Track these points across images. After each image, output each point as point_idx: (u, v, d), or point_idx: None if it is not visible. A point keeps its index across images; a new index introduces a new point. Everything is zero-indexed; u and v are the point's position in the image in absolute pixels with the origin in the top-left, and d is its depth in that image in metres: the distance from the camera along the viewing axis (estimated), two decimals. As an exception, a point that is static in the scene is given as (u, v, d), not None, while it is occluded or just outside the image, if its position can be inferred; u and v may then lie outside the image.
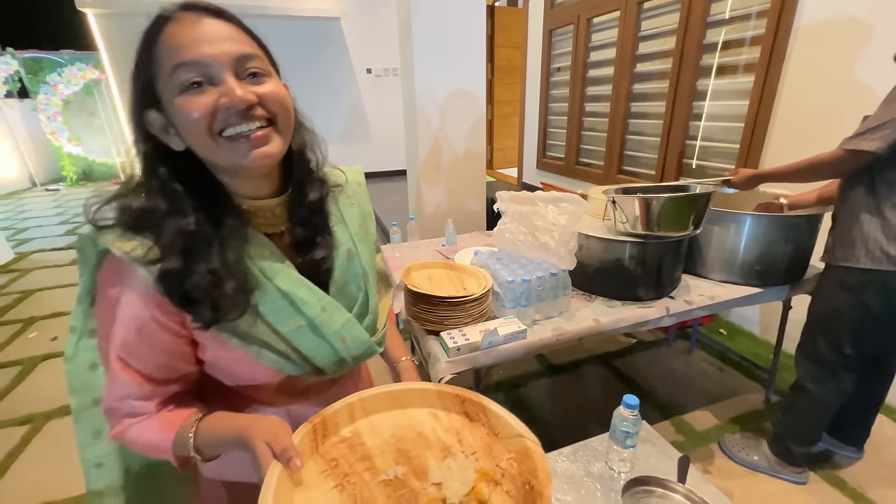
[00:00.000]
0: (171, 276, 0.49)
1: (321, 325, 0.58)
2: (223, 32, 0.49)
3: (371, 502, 0.49)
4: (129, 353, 0.52)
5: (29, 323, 2.83)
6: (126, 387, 0.53)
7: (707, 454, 1.64)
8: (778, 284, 1.55)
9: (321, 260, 0.61)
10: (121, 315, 0.51)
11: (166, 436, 0.54)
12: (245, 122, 0.49)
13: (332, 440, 0.57)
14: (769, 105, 2.08)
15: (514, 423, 0.58)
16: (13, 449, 1.78)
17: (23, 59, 7.03)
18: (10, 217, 5.64)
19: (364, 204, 0.73)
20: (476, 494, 0.50)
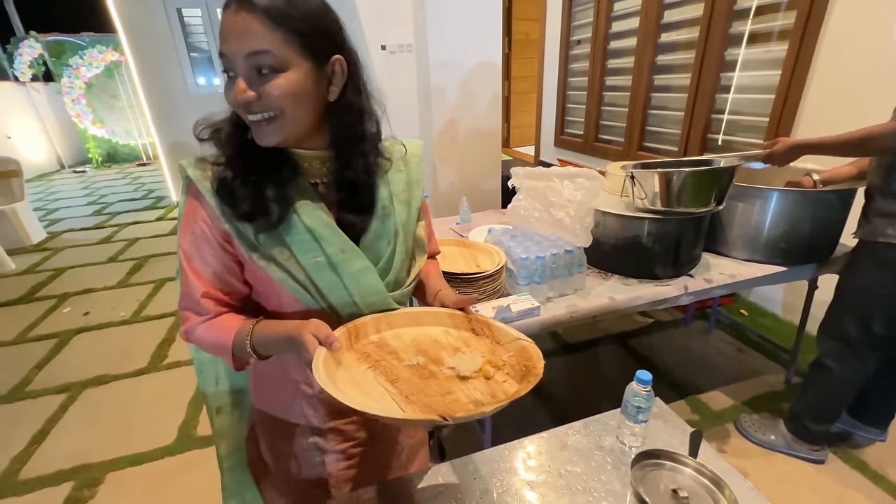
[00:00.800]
0: (222, 181, 0.61)
1: (339, 264, 0.64)
2: (243, 26, 0.53)
3: (398, 377, 0.61)
4: (193, 258, 0.64)
5: (63, 299, 2.97)
6: (193, 287, 0.64)
7: (722, 433, 1.62)
8: (804, 263, 1.50)
9: (357, 213, 0.67)
10: (191, 227, 0.63)
11: (227, 335, 0.65)
12: (250, 114, 0.58)
13: (362, 342, 0.67)
14: (803, 75, 1.96)
15: (511, 331, 0.70)
16: (52, 415, 1.89)
17: (45, 42, 7.15)
18: (42, 198, 5.85)
19: (415, 172, 0.77)
20: (483, 372, 0.62)
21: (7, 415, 1.92)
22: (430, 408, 0.54)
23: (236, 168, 0.61)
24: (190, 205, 0.64)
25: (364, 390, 0.58)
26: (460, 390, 0.59)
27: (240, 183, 0.60)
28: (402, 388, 0.59)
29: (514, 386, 0.61)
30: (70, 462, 1.65)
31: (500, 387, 0.61)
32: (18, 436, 1.78)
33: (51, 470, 1.62)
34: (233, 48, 0.54)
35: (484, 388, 0.60)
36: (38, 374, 2.18)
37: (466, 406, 0.56)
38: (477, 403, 0.56)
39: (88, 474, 1.59)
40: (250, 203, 0.60)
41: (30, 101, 7.23)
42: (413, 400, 0.56)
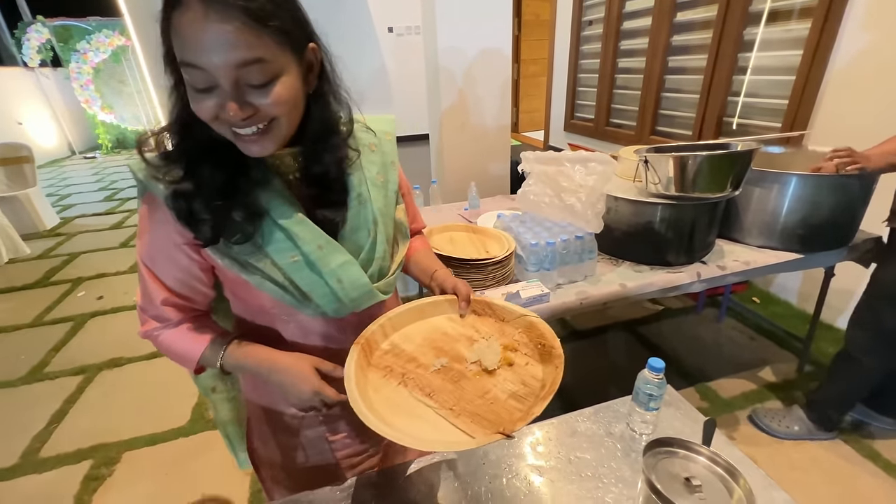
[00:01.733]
0: (179, 196, 0.55)
1: (317, 261, 0.61)
2: (225, 35, 0.46)
3: (432, 388, 0.60)
4: (152, 264, 0.61)
5: (77, 283, 3.02)
6: (152, 292, 0.62)
7: (732, 421, 1.62)
8: (821, 250, 1.46)
9: (332, 206, 0.64)
10: (148, 232, 0.60)
11: (197, 347, 0.64)
12: (243, 127, 0.52)
13: (377, 354, 0.67)
14: (825, 55, 1.89)
15: (514, 308, 0.71)
16: (70, 396, 1.94)
17: (53, 27, 7.13)
18: (54, 184, 5.92)
19: (389, 153, 0.74)
20: (506, 359, 0.64)
21: (27, 395, 1.98)
22: (478, 416, 0.55)
23: (197, 183, 0.54)
24: (147, 210, 0.59)
25: (407, 411, 0.57)
26: (494, 386, 0.60)
27: (201, 204, 0.54)
28: (441, 399, 0.58)
29: (537, 367, 0.63)
30: (88, 441, 1.70)
31: (525, 371, 0.63)
32: (38, 416, 1.83)
33: (70, 449, 1.67)
34: (215, 61, 0.46)
35: (513, 377, 0.62)
36: (55, 357, 2.23)
37: (507, 403, 0.57)
38: (515, 397, 0.58)
39: (106, 453, 1.64)
40: (213, 226, 0.55)
41: (39, 86, 7.26)
42: (459, 411, 0.56)
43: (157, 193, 0.56)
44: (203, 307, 0.68)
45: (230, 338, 0.66)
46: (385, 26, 5.82)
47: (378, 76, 6.07)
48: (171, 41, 0.48)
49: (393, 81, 6.12)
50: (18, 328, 2.51)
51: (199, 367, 0.68)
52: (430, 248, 0.89)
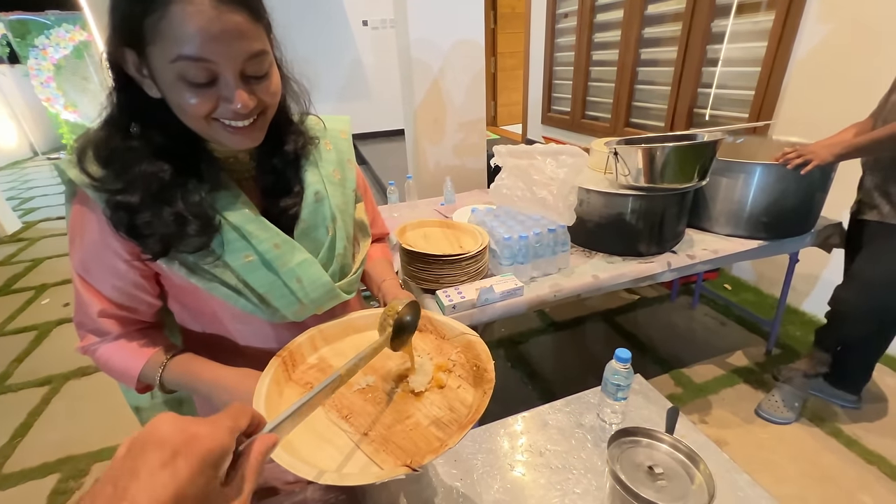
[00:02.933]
0: (120, 208, 0.51)
1: (273, 260, 0.58)
2: (236, 25, 0.46)
3: (350, 409, 0.56)
4: (87, 273, 0.57)
5: (41, 290, 2.89)
6: (88, 304, 0.57)
7: (704, 405, 1.66)
8: (785, 237, 1.50)
9: (288, 206, 0.62)
10: (81, 238, 0.55)
11: (135, 364, 0.60)
12: (240, 119, 0.51)
13: (301, 368, 0.62)
14: (788, 46, 1.94)
15: (456, 325, 0.68)
16: (34, 408, 1.86)
17: (8, 21, 6.77)
18: (15, 187, 5.65)
19: (345, 151, 0.72)
20: (436, 381, 0.60)
21: (-12, 409, 1.89)
22: (392, 443, 0.51)
23: (141, 193, 0.50)
24: (78, 213, 0.54)
25: (318, 434, 0.52)
26: (418, 410, 0.56)
27: (149, 217, 0.50)
28: (357, 423, 0.54)
29: (469, 391, 0.58)
30: (55, 454, 1.63)
31: (455, 395, 0.58)
32: (0, 429, 1.75)
33: (35, 463, 1.60)
34: (226, 52, 0.46)
35: (440, 401, 0.57)
36: (18, 367, 2.13)
37: (427, 430, 0.53)
38: (438, 423, 0.54)
39: (74, 465, 1.58)
40: (162, 239, 0.51)
41: (-5, 84, 6.90)
42: (372, 436, 0.52)
43: (92, 196, 0.51)
44: (148, 318, 0.63)
45: (174, 352, 0.61)
46: (360, 20, 5.75)
47: (354, 70, 5.99)
48: (150, 37, 0.45)
49: (369, 76, 6.05)
50: (-22, 339, 2.40)
51: (143, 386, 0.63)
52: (389, 258, 0.85)
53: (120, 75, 0.50)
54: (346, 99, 5.80)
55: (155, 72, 0.48)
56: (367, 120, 5.75)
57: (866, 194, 1.38)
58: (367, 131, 5.76)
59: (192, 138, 0.54)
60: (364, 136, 5.66)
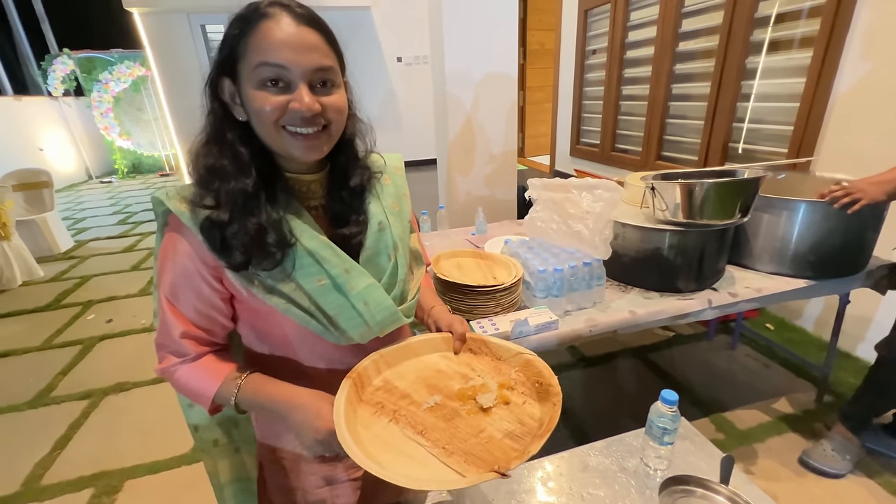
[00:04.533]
0: (214, 225, 0.56)
1: (343, 284, 0.61)
2: (311, 41, 0.55)
3: (424, 425, 0.59)
4: (174, 296, 0.61)
5: (87, 306, 3.05)
6: (172, 325, 0.61)
7: (750, 454, 1.56)
8: (834, 277, 1.44)
9: (353, 234, 0.66)
10: (172, 262, 0.60)
11: (212, 384, 0.63)
12: (306, 125, 0.56)
13: (368, 389, 0.65)
14: (828, 82, 1.91)
15: (511, 346, 0.71)
16: (74, 421, 1.93)
17: (77, 59, 7.47)
18: (70, 207, 6.06)
19: (401, 185, 0.77)
20: (502, 398, 0.63)
21: (32, 420, 1.97)
22: (472, 455, 0.54)
23: (230, 210, 0.56)
24: (171, 239, 0.60)
25: (397, 449, 0.55)
26: (489, 424, 0.59)
27: (237, 230, 0.56)
28: (434, 438, 0.57)
29: (535, 406, 0.61)
30: (90, 469, 1.67)
31: (522, 410, 0.61)
32: (43, 441, 1.82)
33: (72, 476, 1.65)
34: (299, 60, 0.54)
35: (509, 416, 0.60)
36: (62, 380, 2.23)
37: (502, 442, 0.56)
38: (511, 436, 0.57)
39: (108, 481, 1.61)
40: (244, 253, 0.56)
41: (61, 114, 7.54)
42: (451, 450, 0.54)
43: (185, 222, 0.57)
44: (221, 340, 0.67)
45: (247, 372, 0.65)
46: (394, 56, 6.04)
47: (388, 103, 6.25)
48: (241, 52, 0.54)
49: (402, 108, 6.30)
50: (28, 351, 2.53)
51: (214, 407, 0.65)
52: (432, 286, 0.90)
53: (215, 101, 0.58)
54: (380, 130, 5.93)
55: (242, 90, 0.56)
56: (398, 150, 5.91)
57: None
58: (397, 160, 5.94)
59: (271, 162, 0.61)
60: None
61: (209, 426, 0.81)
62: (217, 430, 0.82)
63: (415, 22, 5.84)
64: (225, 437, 0.83)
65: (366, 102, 0.68)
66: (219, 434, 0.82)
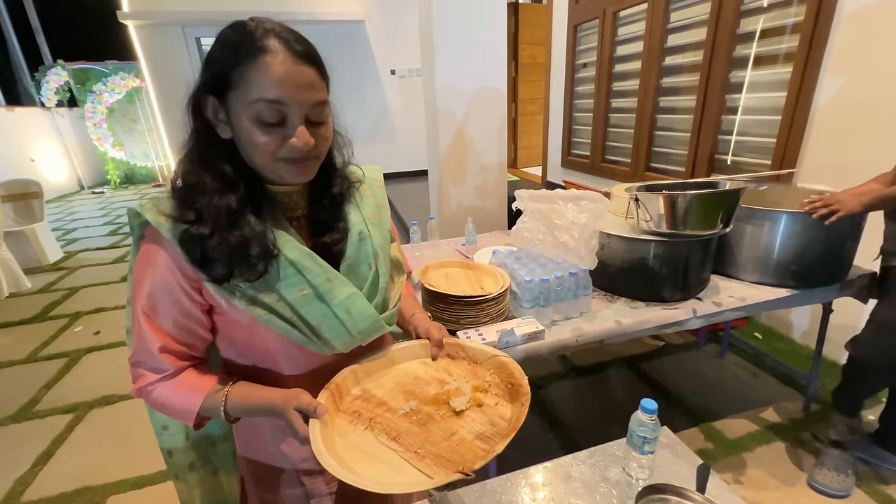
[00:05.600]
0: (193, 238, 0.56)
1: (325, 294, 0.62)
2: (308, 78, 0.55)
3: (398, 431, 0.60)
4: (153, 310, 0.59)
5: (75, 318, 3.01)
6: (150, 340, 0.59)
7: (738, 463, 1.56)
8: (817, 286, 1.46)
9: (334, 242, 0.67)
10: (150, 275, 0.59)
11: (195, 398, 0.62)
12: (300, 155, 0.57)
13: (346, 399, 0.66)
14: (808, 96, 1.96)
15: (487, 349, 0.73)
16: (58, 436, 1.89)
17: (72, 70, 7.47)
18: (61, 218, 6.01)
19: (380, 197, 0.79)
20: (475, 400, 0.65)
21: (14, 434, 1.93)
22: (442, 458, 0.55)
23: (212, 223, 0.56)
24: (148, 251, 0.59)
25: (371, 455, 0.56)
26: (461, 427, 0.60)
27: (217, 242, 0.56)
28: (407, 443, 0.58)
29: (506, 407, 0.63)
30: (73, 484, 1.64)
31: (494, 411, 0.63)
32: (24, 456, 1.78)
33: (53, 492, 1.61)
34: (297, 97, 0.54)
35: (481, 418, 0.62)
36: (46, 394, 2.19)
37: (473, 444, 0.57)
38: (482, 437, 0.58)
39: (90, 497, 1.58)
40: (226, 265, 0.56)
41: (54, 125, 7.52)
42: (423, 454, 0.56)
43: (164, 234, 0.56)
44: (200, 354, 0.66)
45: (232, 381, 0.64)
46: (388, 69, 6.12)
47: (381, 115, 6.31)
48: (235, 81, 0.54)
49: (395, 120, 6.36)
50: (13, 364, 2.49)
51: (199, 421, 0.64)
52: (413, 294, 0.91)
53: (198, 120, 0.58)
54: (373, 141, 6.09)
55: (231, 114, 0.56)
56: (391, 161, 5.99)
57: (888, 241, 1.35)
58: (392, 172, 5.99)
59: (253, 176, 0.61)
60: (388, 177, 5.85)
61: (184, 449, 0.80)
62: (192, 452, 0.80)
63: (408, 36, 5.93)
64: (201, 461, 0.81)
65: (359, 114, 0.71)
66: (194, 457, 0.80)
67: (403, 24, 5.92)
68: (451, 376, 0.71)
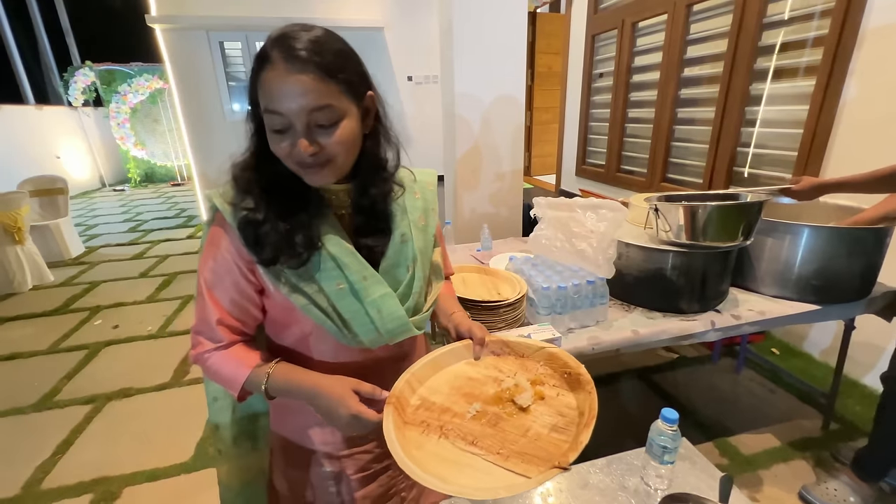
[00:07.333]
0: (249, 224, 0.61)
1: (360, 290, 0.65)
2: (303, 85, 0.55)
3: (474, 434, 0.60)
4: (214, 285, 0.65)
5: (94, 311, 3.08)
6: (210, 312, 0.65)
7: (754, 480, 1.53)
8: (839, 302, 1.44)
9: (376, 243, 0.69)
10: (213, 254, 0.65)
11: (243, 371, 0.66)
12: (307, 162, 0.59)
13: (408, 410, 0.66)
14: (831, 110, 1.94)
15: (532, 342, 0.72)
16: (77, 426, 1.94)
17: (98, 71, 7.71)
18: (83, 214, 6.18)
19: (430, 201, 0.80)
20: (537, 394, 0.65)
21: (36, 423, 1.98)
22: (528, 454, 0.55)
23: (265, 211, 0.61)
24: (214, 233, 0.65)
25: (454, 462, 0.56)
26: (533, 422, 0.61)
27: (269, 229, 0.61)
28: (486, 445, 0.58)
29: (569, 396, 0.64)
30: (90, 474, 1.67)
31: (558, 401, 0.64)
32: (45, 445, 1.83)
33: (72, 481, 1.65)
34: (291, 105, 0.55)
35: (548, 410, 0.63)
36: (67, 384, 2.25)
37: (550, 437, 0.57)
38: (556, 429, 0.59)
39: (106, 487, 1.61)
40: (274, 249, 0.61)
41: (80, 124, 7.76)
42: (506, 454, 0.56)
43: (227, 218, 0.62)
44: (251, 331, 0.71)
45: (276, 360, 0.68)
46: (405, 75, 6.19)
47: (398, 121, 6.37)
48: (258, 94, 0.58)
49: (411, 125, 6.40)
50: (35, 354, 2.55)
51: (242, 395, 0.69)
52: (454, 294, 0.91)
53: (254, 125, 0.62)
54: (387, 146, 6.12)
55: None
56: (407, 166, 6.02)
57: None
58: (405, 176, 6.02)
59: None
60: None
61: (230, 423, 0.84)
62: (237, 427, 0.85)
63: (425, 43, 6.00)
64: (243, 435, 0.86)
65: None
66: (237, 431, 0.85)
67: (421, 30, 5.98)
68: (503, 373, 0.70)
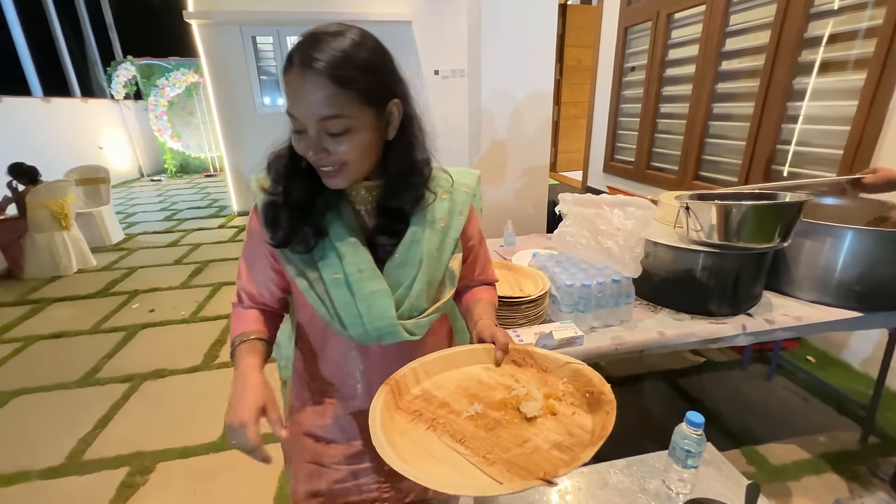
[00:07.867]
0: (270, 206, 0.67)
1: (354, 283, 0.66)
2: (317, 94, 0.56)
3: (464, 434, 0.56)
4: (246, 258, 0.75)
5: (132, 295, 3.24)
6: (242, 278, 0.75)
7: (783, 491, 1.48)
8: (883, 310, 1.36)
9: (391, 242, 0.69)
10: (249, 233, 0.73)
11: (237, 330, 0.73)
12: (320, 165, 0.62)
13: (406, 398, 0.64)
14: (883, 106, 1.83)
15: (559, 356, 0.67)
16: (115, 402, 2.05)
17: (139, 65, 8.05)
18: (123, 203, 6.48)
19: (459, 203, 0.75)
20: (549, 408, 0.59)
21: (79, 398, 2.11)
22: (515, 465, 0.50)
23: (286, 197, 0.66)
24: (252, 215, 0.73)
25: (434, 457, 0.53)
26: (534, 434, 0.56)
27: (284, 213, 0.66)
28: (474, 446, 0.54)
29: (585, 417, 0.58)
30: (127, 448, 1.77)
31: (572, 421, 0.58)
32: (86, 418, 1.95)
33: (111, 454, 1.75)
34: (303, 112, 0.57)
35: (556, 427, 0.57)
36: (107, 363, 2.38)
37: (549, 453, 0.52)
38: (559, 447, 0.53)
39: (142, 462, 1.71)
40: (286, 233, 0.66)
41: (121, 116, 8.13)
42: (493, 459, 0.52)
43: (258, 202, 0.69)
44: (269, 304, 0.77)
45: (250, 337, 0.71)
46: (432, 69, 6.18)
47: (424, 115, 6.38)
48: None
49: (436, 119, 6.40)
50: (79, 334, 2.71)
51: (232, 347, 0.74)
52: (494, 302, 0.85)
53: None
54: (413, 140, 6.15)
55: None
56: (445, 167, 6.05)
57: None
58: (429, 170, 6.05)
59: None
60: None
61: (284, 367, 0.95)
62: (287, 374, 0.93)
63: (453, 37, 5.97)
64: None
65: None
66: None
67: (448, 24, 5.94)
68: (519, 383, 0.66)
